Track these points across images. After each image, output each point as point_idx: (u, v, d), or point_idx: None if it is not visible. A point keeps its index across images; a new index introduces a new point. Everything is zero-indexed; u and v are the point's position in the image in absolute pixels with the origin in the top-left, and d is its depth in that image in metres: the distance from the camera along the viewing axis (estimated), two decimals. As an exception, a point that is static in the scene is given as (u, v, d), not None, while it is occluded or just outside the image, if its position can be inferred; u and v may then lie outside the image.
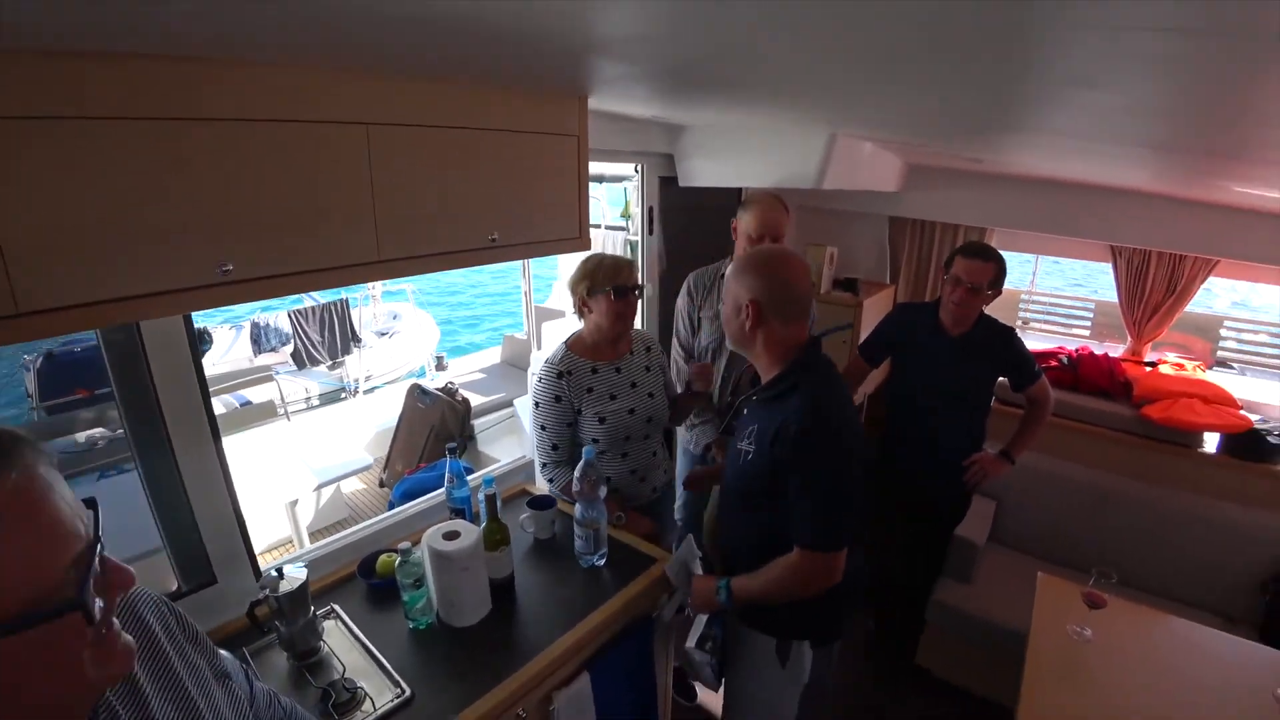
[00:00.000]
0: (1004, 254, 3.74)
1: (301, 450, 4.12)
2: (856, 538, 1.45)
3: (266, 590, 1.46)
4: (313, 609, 1.53)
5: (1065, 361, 3.55)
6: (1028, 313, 4.22)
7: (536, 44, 1.09)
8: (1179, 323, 3.55)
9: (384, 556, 1.81)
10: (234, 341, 6.78)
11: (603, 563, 1.86)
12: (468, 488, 1.91)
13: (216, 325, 7.05)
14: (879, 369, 2.80)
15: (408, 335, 7.86)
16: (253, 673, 0.96)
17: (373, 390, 6.62)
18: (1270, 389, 3.42)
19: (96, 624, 0.58)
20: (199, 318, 1.65)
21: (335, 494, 4.29)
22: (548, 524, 1.97)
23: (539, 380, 2.03)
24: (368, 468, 4.24)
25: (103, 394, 3.74)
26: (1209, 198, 2.88)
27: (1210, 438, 3.12)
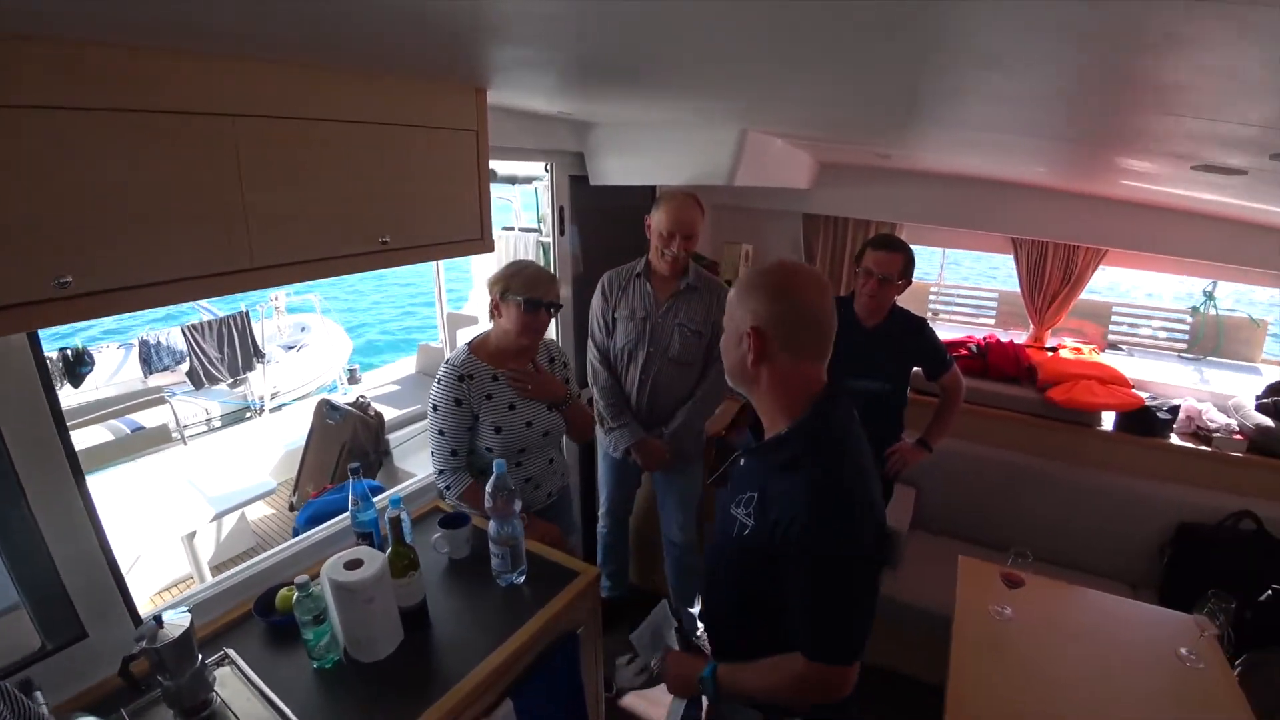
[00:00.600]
0: (913, 248, 3.91)
1: (199, 477, 3.81)
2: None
3: (143, 642, 1.29)
4: (200, 657, 1.36)
5: (974, 350, 3.68)
6: (937, 304, 4.37)
7: (418, 21, 0.99)
8: (1074, 309, 3.75)
9: (284, 591, 1.66)
10: (123, 361, 6.25)
11: (522, 580, 1.76)
12: (374, 509, 1.78)
13: (100, 345, 6.47)
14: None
15: (317, 348, 7.47)
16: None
17: (280, 408, 6.24)
18: (1156, 368, 3.67)
19: None
20: (82, 336, 1.45)
21: (240, 522, 4.00)
22: (462, 542, 1.86)
23: (438, 382, 1.93)
24: (272, 492, 3.97)
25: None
26: (1100, 192, 3.07)
27: (1107, 416, 3.29)
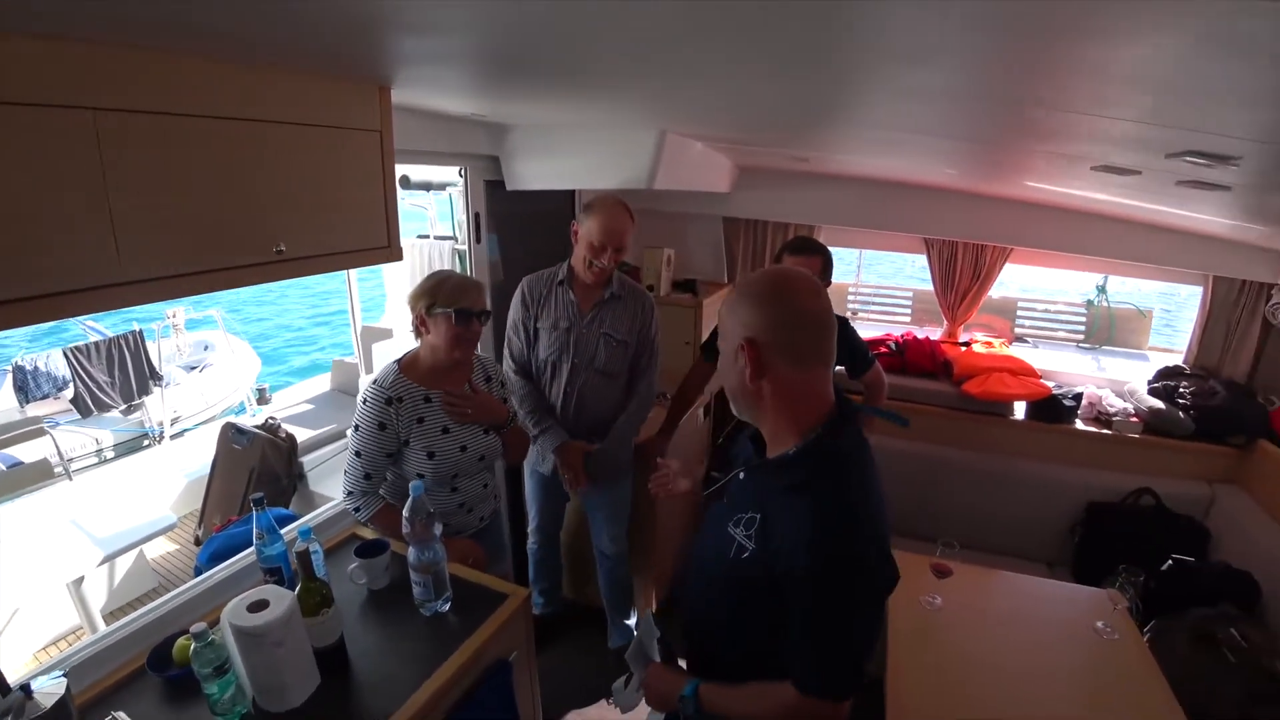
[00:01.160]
0: (831, 249, 4.00)
1: (85, 516, 3.46)
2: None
3: (8, 718, 1.13)
4: (80, 727, 1.20)
5: (893, 347, 3.80)
6: (855, 303, 4.49)
7: (306, 8, 0.90)
8: (984, 305, 3.92)
9: (181, 640, 1.49)
10: (-6, 389, 5.68)
11: (447, 608, 1.65)
12: (282, 542, 1.63)
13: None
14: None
15: (221, 367, 7.01)
16: None
17: (182, 434, 5.80)
18: (1059, 358, 3.89)
19: None
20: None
21: (138, 562, 3.66)
22: (380, 572, 1.73)
23: (364, 403, 1.80)
24: (173, 526, 3.65)
25: None
26: (1006, 194, 3.23)
27: (1019, 406, 3.45)
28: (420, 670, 1.48)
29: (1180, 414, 3.18)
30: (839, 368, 2.54)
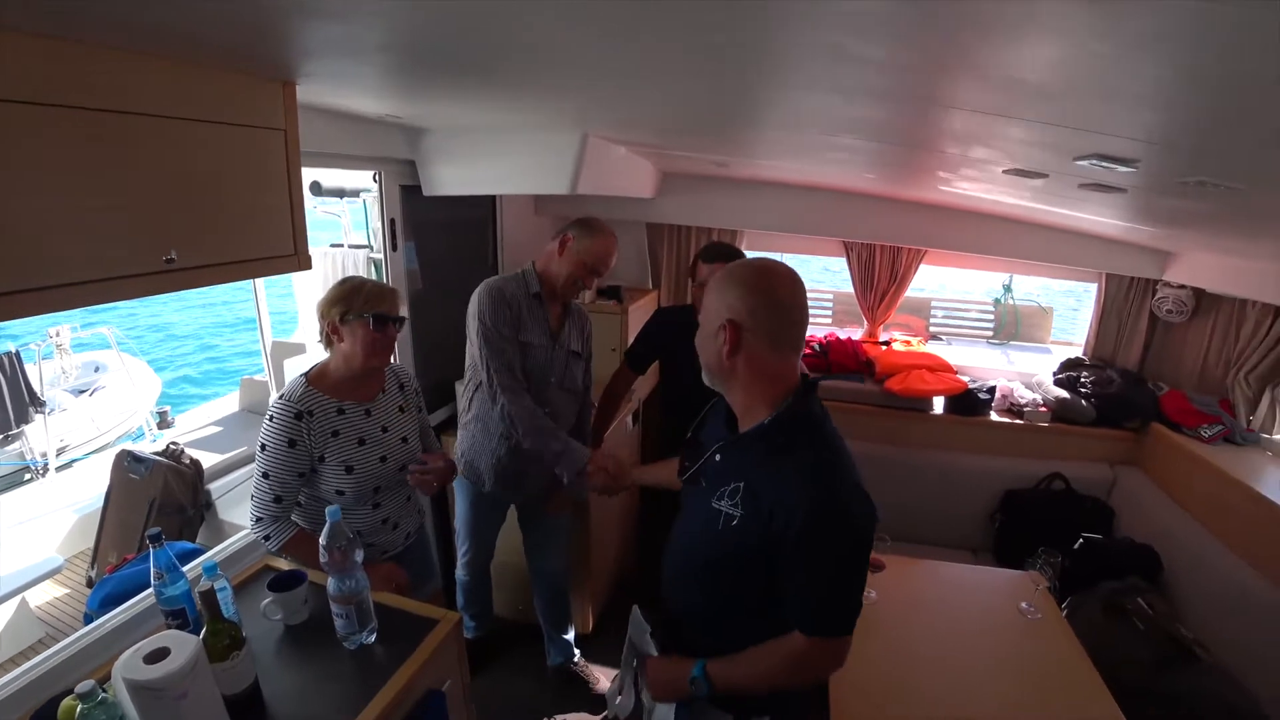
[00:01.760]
0: (751, 253, 4.06)
1: (-46, 562, 3.11)
2: None
3: None
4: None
5: (817, 348, 3.88)
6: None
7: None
8: (901, 305, 4.06)
9: (66, 701, 1.32)
10: None
11: (373, 639, 1.54)
12: (185, 581, 1.48)
13: None
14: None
15: (116, 390, 6.47)
16: None
17: (70, 465, 5.31)
18: (971, 354, 4.07)
19: None
20: None
21: (21, 611, 3.29)
22: (298, 605, 1.60)
23: (270, 419, 1.67)
24: (59, 569, 3.32)
25: None
26: (921, 198, 3.35)
27: (938, 401, 3.59)
28: (346, 709, 1.37)
29: (1083, 402, 3.38)
30: None
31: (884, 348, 3.87)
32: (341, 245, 3.39)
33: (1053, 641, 2.08)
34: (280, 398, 1.69)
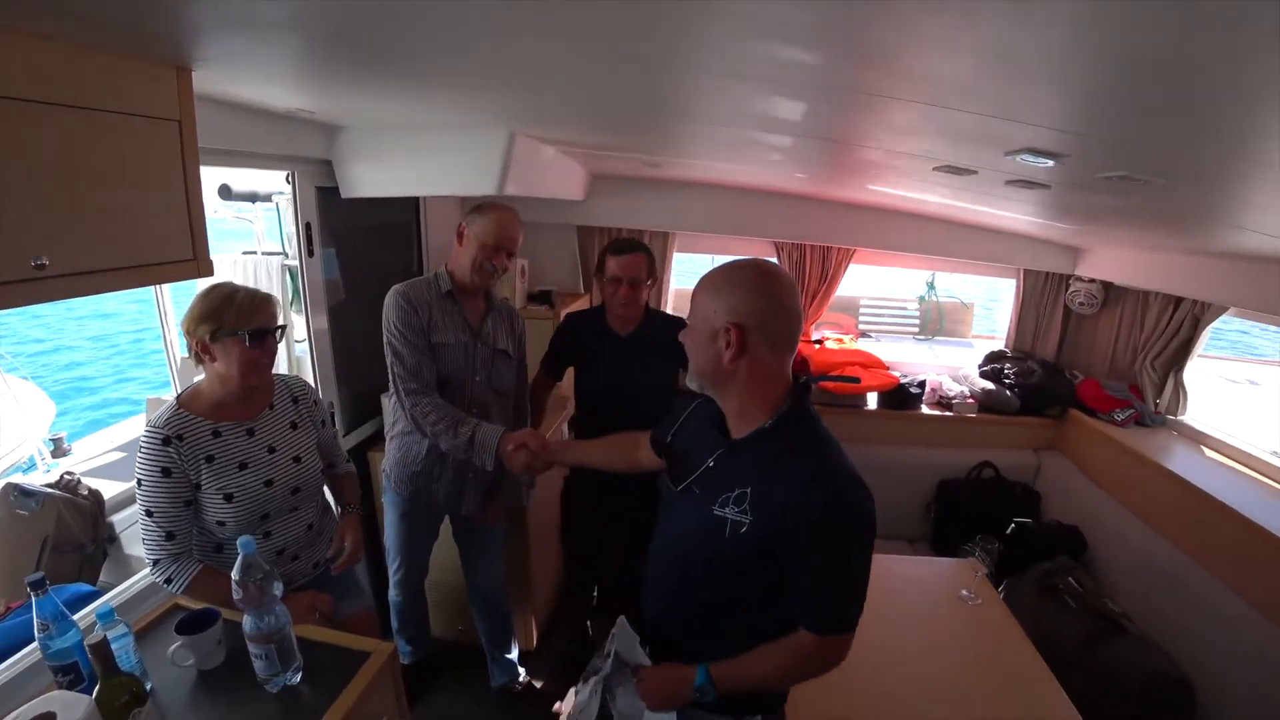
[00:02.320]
0: (685, 256, 4.06)
1: None
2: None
3: None
4: None
5: (754, 349, 3.89)
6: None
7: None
8: (832, 304, 4.13)
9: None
10: None
11: (299, 679, 1.40)
12: (76, 631, 1.30)
13: None
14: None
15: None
16: None
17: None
18: (900, 349, 4.19)
19: None
20: None
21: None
22: (212, 647, 1.43)
23: (141, 450, 1.50)
24: (-67, 622, 2.96)
25: None
26: (850, 198, 3.42)
27: (871, 397, 3.66)
28: (269, 757, 1.24)
29: (1007, 392, 3.51)
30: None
31: (817, 346, 3.93)
32: (255, 252, 3.16)
33: (994, 626, 2.12)
34: (148, 426, 1.52)
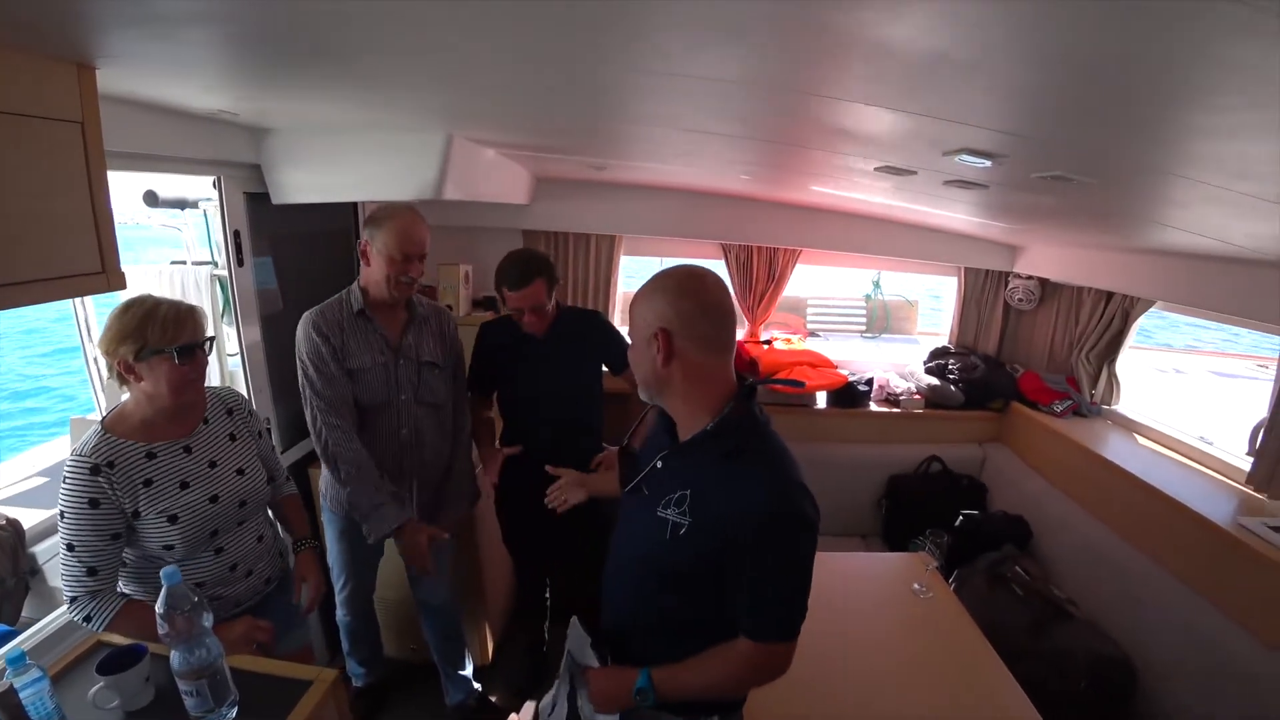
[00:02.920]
0: (631, 259, 4.03)
1: None
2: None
3: None
4: None
5: (704, 351, 3.90)
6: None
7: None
8: (780, 305, 4.17)
9: None
10: None
11: (234, 714, 1.32)
12: (-19, 675, 1.20)
13: None
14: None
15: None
16: None
17: None
18: (847, 348, 4.27)
19: None
20: None
21: None
22: (138, 686, 1.33)
23: (64, 480, 1.40)
24: None
25: None
26: (794, 199, 3.46)
27: (821, 395, 3.70)
28: (201, 801, 1.16)
29: (951, 387, 3.60)
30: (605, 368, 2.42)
31: (766, 347, 3.95)
32: (184, 262, 3.00)
33: (945, 618, 2.16)
34: (72, 454, 1.41)
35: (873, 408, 3.67)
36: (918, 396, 3.65)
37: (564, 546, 2.48)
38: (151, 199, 2.77)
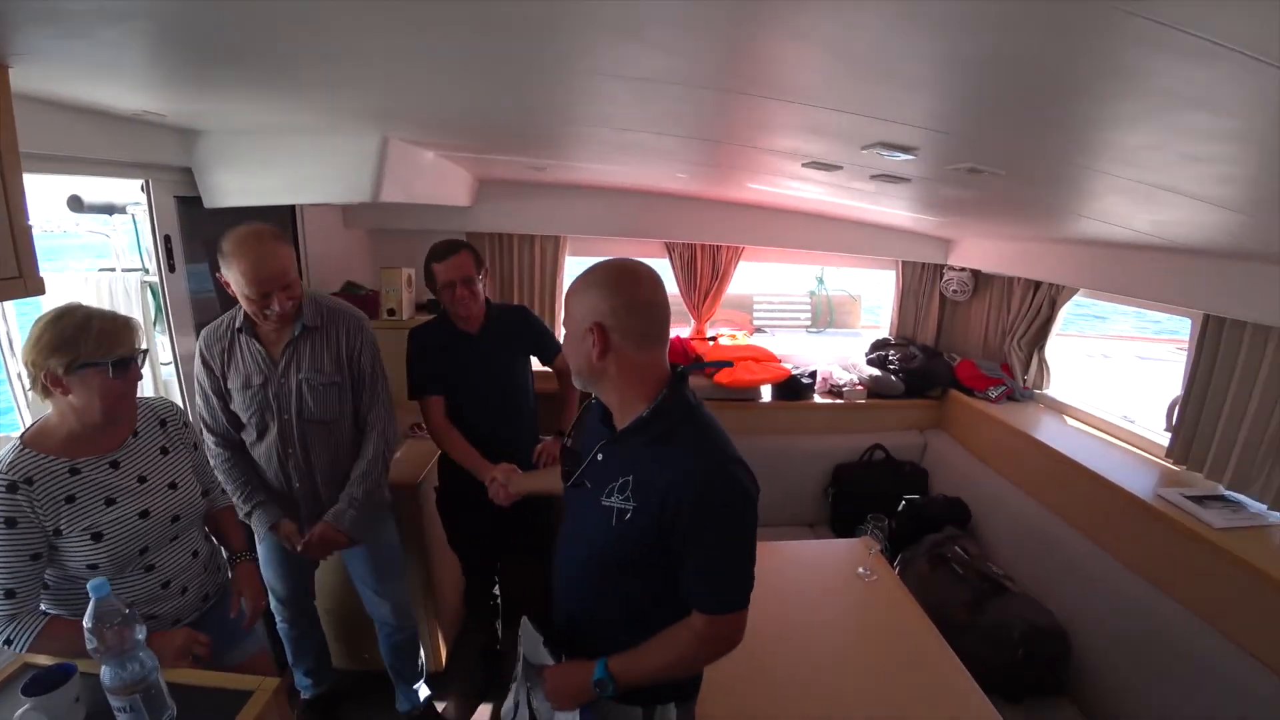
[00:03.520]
0: (576, 259, 4.04)
1: None
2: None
3: None
4: None
5: (650, 348, 3.93)
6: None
7: None
8: (724, 302, 4.24)
9: None
10: None
11: (171, 727, 1.28)
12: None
13: None
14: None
15: None
16: None
17: None
18: (792, 342, 4.36)
19: None
20: None
21: None
22: (67, 706, 1.27)
23: None
24: None
25: None
26: (734, 197, 3.53)
27: (766, 389, 3.78)
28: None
29: (892, 377, 3.72)
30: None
31: (711, 343, 4.02)
32: (113, 269, 2.88)
33: (888, 599, 2.23)
34: None
35: (817, 400, 3.75)
36: (860, 387, 3.75)
37: (508, 544, 2.50)
38: (76, 204, 2.65)
